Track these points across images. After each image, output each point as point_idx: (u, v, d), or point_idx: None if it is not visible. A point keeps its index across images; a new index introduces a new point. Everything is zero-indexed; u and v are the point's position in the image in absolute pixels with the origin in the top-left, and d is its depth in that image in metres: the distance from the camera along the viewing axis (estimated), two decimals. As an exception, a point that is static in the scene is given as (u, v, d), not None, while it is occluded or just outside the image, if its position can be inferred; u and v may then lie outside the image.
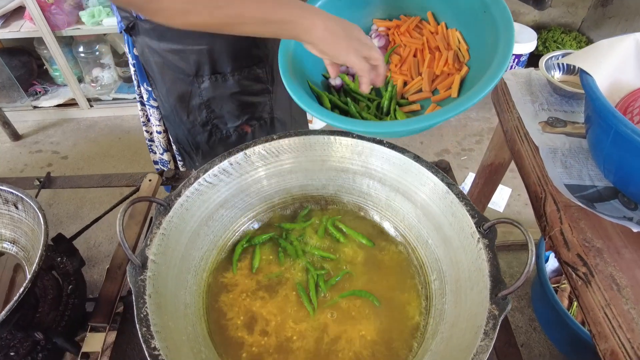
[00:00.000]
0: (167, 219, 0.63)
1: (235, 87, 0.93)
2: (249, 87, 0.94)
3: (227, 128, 1.00)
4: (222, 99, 0.94)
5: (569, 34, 2.40)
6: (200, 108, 0.96)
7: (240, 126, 1.00)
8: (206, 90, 0.92)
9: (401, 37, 0.79)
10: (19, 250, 0.79)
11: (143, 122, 1.15)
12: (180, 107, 0.97)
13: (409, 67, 0.78)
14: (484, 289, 0.54)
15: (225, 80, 0.91)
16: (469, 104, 0.60)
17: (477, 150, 2.13)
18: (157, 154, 1.21)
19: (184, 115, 0.99)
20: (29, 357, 0.69)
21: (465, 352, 0.50)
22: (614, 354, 0.55)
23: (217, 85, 0.91)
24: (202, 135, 1.02)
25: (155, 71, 0.94)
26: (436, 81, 0.75)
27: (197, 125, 1.00)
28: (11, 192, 0.74)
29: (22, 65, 2.28)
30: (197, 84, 0.91)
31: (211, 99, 0.94)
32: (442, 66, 0.74)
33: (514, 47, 0.63)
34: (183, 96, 0.94)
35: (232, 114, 0.98)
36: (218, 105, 0.96)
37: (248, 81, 0.93)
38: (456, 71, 0.73)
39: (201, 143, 1.04)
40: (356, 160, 0.76)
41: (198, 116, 0.98)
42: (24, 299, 0.60)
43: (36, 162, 2.15)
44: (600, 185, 0.73)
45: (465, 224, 0.62)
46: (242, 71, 0.91)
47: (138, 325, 0.52)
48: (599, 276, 0.61)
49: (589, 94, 0.65)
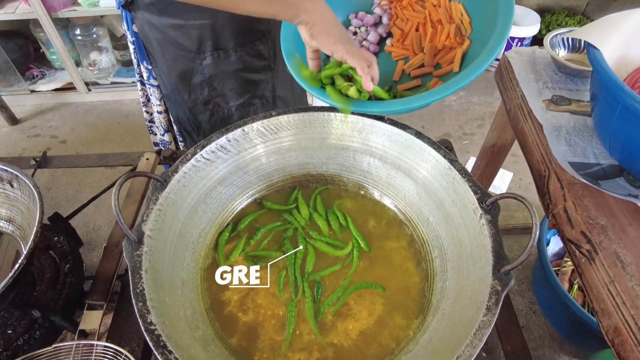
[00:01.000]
0: (164, 194, 0.62)
1: (237, 63, 0.91)
2: (251, 63, 0.92)
3: (228, 107, 0.98)
4: (224, 77, 0.92)
5: (573, 17, 2.36)
6: (201, 86, 0.94)
7: (242, 105, 0.99)
8: (208, 67, 0.90)
9: (403, 10, 0.77)
10: (15, 229, 0.78)
11: (143, 103, 1.13)
12: (181, 85, 0.95)
13: (411, 42, 0.76)
14: (487, 264, 0.53)
15: (228, 57, 0.89)
16: (468, 80, 0.60)
17: (478, 134, 2.11)
18: (158, 135, 1.19)
19: (185, 94, 0.97)
20: (26, 335, 0.69)
21: (468, 327, 0.49)
22: (617, 330, 0.55)
23: (219, 61, 0.89)
24: (204, 114, 1.00)
25: (155, 48, 0.92)
26: (438, 56, 0.74)
27: (198, 104, 0.98)
28: (5, 169, 0.72)
29: (18, 49, 2.25)
30: (198, 61, 0.89)
31: (213, 77, 0.92)
32: (444, 40, 0.73)
33: (513, 16, 0.62)
34: (184, 74, 0.93)
35: (234, 92, 0.96)
36: (220, 83, 0.94)
37: (250, 57, 0.91)
38: (458, 45, 0.72)
39: (202, 122, 1.02)
40: (356, 138, 0.74)
41: (200, 94, 0.96)
42: (19, 277, 0.59)
43: (34, 146, 2.13)
44: (605, 163, 0.72)
45: (467, 200, 0.61)
46: (245, 47, 0.89)
47: (134, 300, 0.51)
48: (603, 253, 0.60)
49: (596, 68, 0.63)
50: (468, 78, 0.59)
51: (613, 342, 0.55)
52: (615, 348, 0.55)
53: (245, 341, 0.61)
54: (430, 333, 0.57)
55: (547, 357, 1.31)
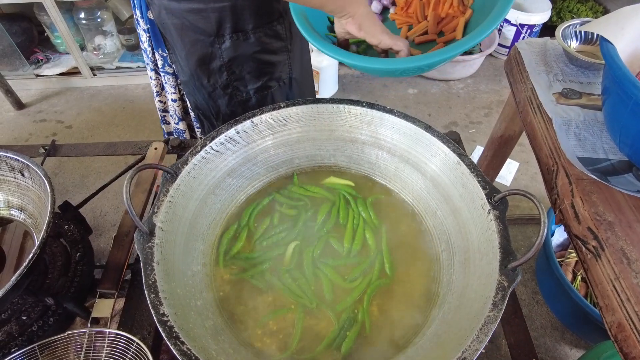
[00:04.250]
0: (174, 186, 0.63)
1: (256, 45, 0.90)
2: (269, 45, 0.92)
3: (247, 90, 0.98)
4: (243, 60, 0.92)
5: (585, 3, 2.32)
6: (220, 70, 0.94)
7: (260, 88, 0.99)
8: (227, 51, 0.90)
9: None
10: (26, 218, 0.79)
11: (157, 92, 1.13)
12: (200, 70, 0.95)
13: (414, 10, 0.77)
14: (494, 260, 0.54)
15: (247, 39, 0.89)
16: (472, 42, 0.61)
17: (485, 123, 2.10)
18: (172, 124, 1.19)
19: (204, 79, 0.96)
20: (40, 321, 0.70)
21: (474, 321, 0.50)
22: (621, 327, 0.55)
23: (239, 44, 0.89)
24: (223, 99, 1.00)
25: (173, 34, 0.91)
26: (441, 24, 0.75)
27: (217, 88, 0.98)
28: (17, 159, 0.73)
29: (22, 32, 2.24)
30: (217, 45, 0.89)
31: (232, 60, 0.92)
32: (447, 9, 0.74)
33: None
34: (203, 59, 0.92)
35: (252, 75, 0.96)
36: (239, 67, 0.93)
37: (268, 38, 0.91)
38: (460, 14, 0.73)
39: (222, 107, 1.02)
40: (365, 130, 0.74)
41: (219, 79, 0.96)
42: (33, 265, 0.60)
43: (41, 131, 2.14)
44: (614, 159, 0.72)
45: (475, 195, 0.61)
46: (263, 28, 0.89)
47: (146, 291, 0.52)
48: (610, 250, 0.60)
49: (608, 62, 0.62)
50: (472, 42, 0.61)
51: (616, 337, 0.56)
52: (619, 343, 0.56)
53: (256, 331, 0.63)
54: (437, 326, 0.58)
55: (548, 346, 1.32)
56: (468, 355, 0.47)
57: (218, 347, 0.55)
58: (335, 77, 2.23)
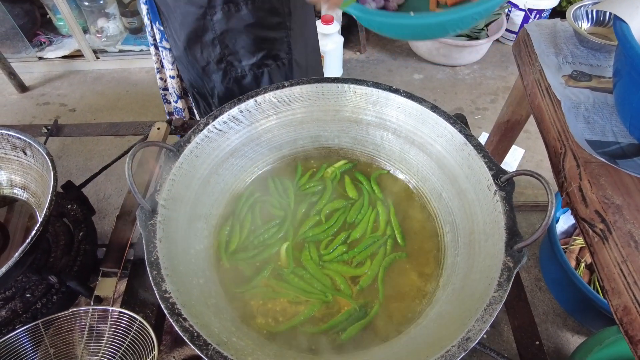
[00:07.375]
0: (177, 164, 0.62)
1: (249, 17, 0.88)
2: (264, 19, 0.90)
3: (241, 66, 0.97)
4: (236, 33, 0.90)
5: (595, -12, 2.27)
6: (213, 43, 0.92)
7: (255, 65, 0.97)
8: (219, 23, 0.88)
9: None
10: (29, 196, 0.79)
11: (157, 69, 1.12)
12: (193, 43, 0.93)
13: None
14: (499, 241, 0.53)
15: (239, 10, 0.87)
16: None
17: (491, 109, 2.07)
18: (172, 102, 1.18)
19: (197, 52, 0.95)
20: (44, 299, 0.71)
21: (478, 301, 0.49)
22: (627, 309, 0.55)
23: (230, 15, 0.87)
24: (217, 74, 0.99)
25: (167, 5, 0.90)
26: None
27: (211, 62, 0.96)
28: (19, 137, 0.73)
29: (24, 14, 2.22)
30: (209, 17, 0.87)
31: (225, 33, 0.90)
32: None
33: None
34: (195, 31, 0.91)
35: (246, 50, 0.94)
36: (232, 40, 0.92)
37: (263, 13, 0.89)
38: None
39: (216, 83, 1.01)
40: (370, 111, 0.73)
41: (212, 52, 0.94)
42: (36, 242, 0.60)
43: (44, 114, 2.13)
44: (624, 142, 0.70)
45: (482, 177, 0.60)
46: (256, 0, 0.87)
47: (148, 268, 0.52)
48: (617, 233, 0.59)
49: (622, 42, 0.61)
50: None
51: (622, 320, 0.56)
52: (624, 326, 0.55)
53: (257, 310, 0.62)
54: (441, 307, 0.58)
55: (550, 332, 1.32)
56: (472, 335, 0.47)
57: (220, 325, 0.54)
58: (339, 61, 2.20)
